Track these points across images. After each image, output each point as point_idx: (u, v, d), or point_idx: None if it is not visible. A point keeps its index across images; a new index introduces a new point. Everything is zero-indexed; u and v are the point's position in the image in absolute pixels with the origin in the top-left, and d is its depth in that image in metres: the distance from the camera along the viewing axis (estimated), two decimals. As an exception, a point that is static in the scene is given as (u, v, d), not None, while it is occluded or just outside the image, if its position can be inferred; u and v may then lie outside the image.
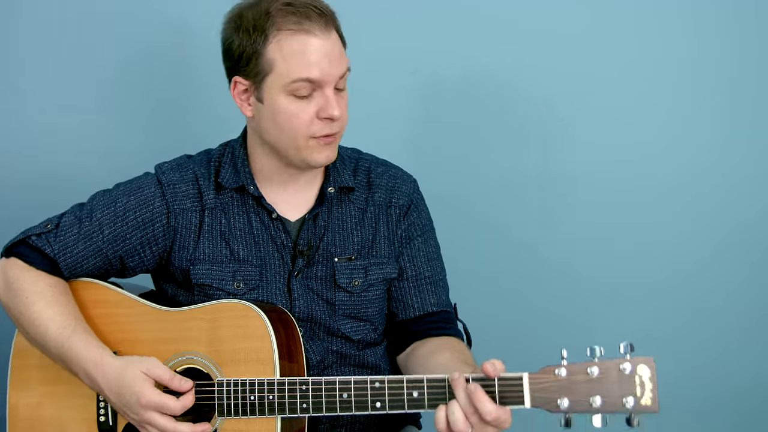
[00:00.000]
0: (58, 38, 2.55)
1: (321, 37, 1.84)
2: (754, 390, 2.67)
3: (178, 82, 2.56)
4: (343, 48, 1.90)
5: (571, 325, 2.64)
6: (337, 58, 1.86)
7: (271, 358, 1.78)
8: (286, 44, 1.84)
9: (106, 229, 1.95)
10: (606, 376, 1.57)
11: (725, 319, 2.67)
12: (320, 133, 1.87)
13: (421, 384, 1.68)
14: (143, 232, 1.95)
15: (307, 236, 1.97)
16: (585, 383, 1.58)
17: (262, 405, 1.77)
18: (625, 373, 1.57)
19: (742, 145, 2.64)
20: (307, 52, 1.83)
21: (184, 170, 1.99)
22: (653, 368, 1.57)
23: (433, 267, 2.05)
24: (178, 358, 1.86)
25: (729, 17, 2.61)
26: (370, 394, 1.71)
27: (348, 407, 1.72)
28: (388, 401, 1.70)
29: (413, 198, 2.05)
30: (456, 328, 2.04)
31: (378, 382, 1.71)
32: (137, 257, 1.97)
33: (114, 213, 1.95)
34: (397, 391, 1.69)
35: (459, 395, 1.63)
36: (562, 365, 1.60)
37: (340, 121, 1.89)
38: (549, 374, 1.60)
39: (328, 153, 1.91)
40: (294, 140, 1.88)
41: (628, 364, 1.57)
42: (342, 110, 1.88)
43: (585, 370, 1.58)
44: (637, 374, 1.56)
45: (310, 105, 1.86)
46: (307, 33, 1.83)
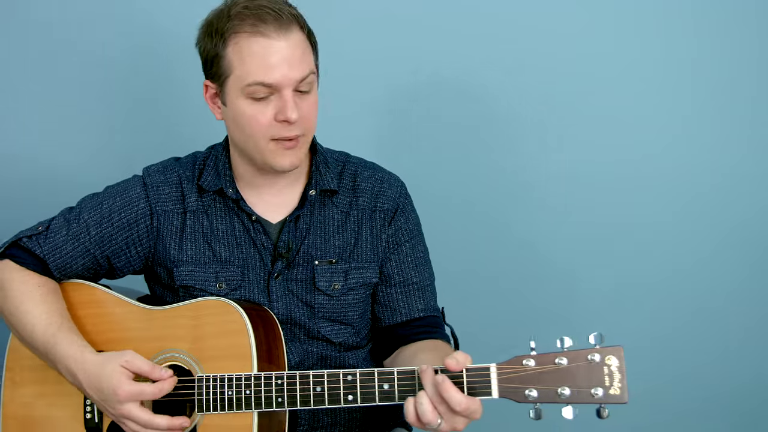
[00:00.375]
0: (57, 39, 2.59)
1: (277, 39, 1.82)
2: (754, 390, 2.65)
3: (181, 84, 2.57)
4: (308, 50, 1.88)
5: (570, 324, 2.63)
6: (297, 60, 1.83)
7: (249, 354, 1.80)
8: (244, 47, 1.83)
9: (92, 230, 1.98)
10: (574, 366, 1.57)
11: (725, 319, 2.66)
12: (278, 136, 1.86)
13: (392, 376, 1.70)
14: (128, 233, 1.99)
15: (287, 238, 1.97)
16: (553, 373, 1.58)
17: (240, 400, 1.79)
18: (593, 363, 1.57)
19: (742, 146, 2.63)
20: (262, 55, 1.82)
21: (169, 173, 2.02)
22: (622, 357, 1.57)
23: (420, 272, 2.04)
24: (162, 355, 1.89)
25: (729, 17, 2.60)
26: (342, 386, 1.73)
27: (321, 400, 1.74)
28: (360, 394, 1.72)
29: (400, 202, 2.04)
30: (443, 332, 2.04)
31: (350, 375, 1.73)
32: (123, 258, 2.00)
33: (100, 214, 1.99)
34: (369, 384, 1.72)
35: (426, 385, 1.64)
36: (530, 355, 1.61)
37: (302, 125, 1.87)
38: (517, 364, 1.61)
39: (292, 158, 1.89)
40: (255, 144, 1.88)
41: (597, 354, 1.57)
42: (304, 113, 1.86)
43: (553, 360, 1.59)
44: (606, 364, 1.57)
45: (268, 108, 1.85)
46: (262, 35, 1.82)
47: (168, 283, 2.00)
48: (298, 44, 1.84)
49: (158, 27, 2.59)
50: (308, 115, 1.88)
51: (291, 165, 1.90)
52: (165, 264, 1.98)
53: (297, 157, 1.90)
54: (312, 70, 1.87)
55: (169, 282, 2.00)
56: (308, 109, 1.88)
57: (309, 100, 1.88)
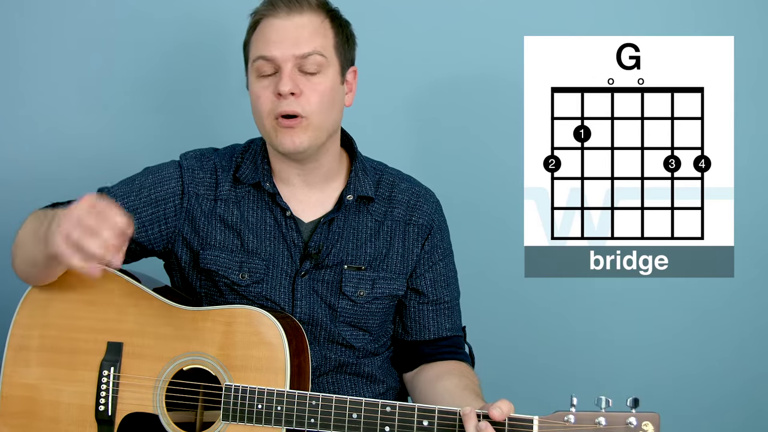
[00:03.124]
0: (59, 38, 2.58)
1: (283, 19, 1.91)
2: (755, 389, 2.70)
3: (195, 82, 2.59)
4: (321, 33, 1.93)
5: (577, 330, 2.66)
6: (301, 39, 1.90)
7: (283, 369, 1.80)
8: (258, 28, 1.94)
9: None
10: (613, 428, 1.63)
11: (725, 319, 2.68)
12: (276, 111, 1.90)
13: (432, 414, 1.71)
14: (155, 208, 1.99)
15: (319, 239, 1.98)
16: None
17: (269, 414, 1.79)
18: (631, 427, 1.63)
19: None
20: (266, 32, 1.92)
21: (206, 160, 2.03)
22: (658, 424, 1.63)
23: (451, 291, 2.08)
24: (187, 357, 1.88)
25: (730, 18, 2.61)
26: (380, 417, 1.74)
27: (356, 427, 1.75)
28: (397, 427, 1.73)
29: (435, 219, 2.06)
30: (464, 352, 2.07)
31: (389, 406, 1.74)
32: (144, 235, 1.99)
33: (130, 188, 2.00)
34: (408, 419, 1.72)
35: (469, 431, 1.67)
36: (571, 411, 1.65)
37: (301, 104, 1.89)
38: (558, 420, 1.65)
39: (293, 138, 1.90)
40: (262, 122, 1.93)
41: (634, 418, 1.63)
42: (306, 93, 1.90)
43: (593, 419, 1.64)
44: (642, 429, 1.63)
45: (271, 84, 1.91)
46: (273, 16, 1.92)
47: (190, 266, 2.00)
48: (305, 24, 1.91)
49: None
50: (311, 96, 1.90)
51: (293, 147, 1.91)
52: (191, 245, 1.99)
53: (299, 140, 1.91)
54: (318, 51, 1.91)
55: (191, 265, 2.00)
56: (312, 90, 1.91)
57: (315, 81, 1.91)
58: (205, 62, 2.59)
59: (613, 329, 2.65)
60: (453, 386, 1.90)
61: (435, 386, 1.94)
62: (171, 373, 1.88)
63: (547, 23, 2.59)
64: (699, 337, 2.66)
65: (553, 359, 2.64)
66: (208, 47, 2.59)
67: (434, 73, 2.61)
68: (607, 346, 2.65)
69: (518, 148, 2.29)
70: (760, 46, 2.59)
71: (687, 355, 2.65)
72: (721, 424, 2.67)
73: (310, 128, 1.91)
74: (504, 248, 2.59)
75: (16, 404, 1.95)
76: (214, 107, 2.60)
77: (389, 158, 2.15)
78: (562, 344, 2.64)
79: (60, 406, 1.93)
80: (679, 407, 2.63)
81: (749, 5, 2.60)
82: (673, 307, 2.65)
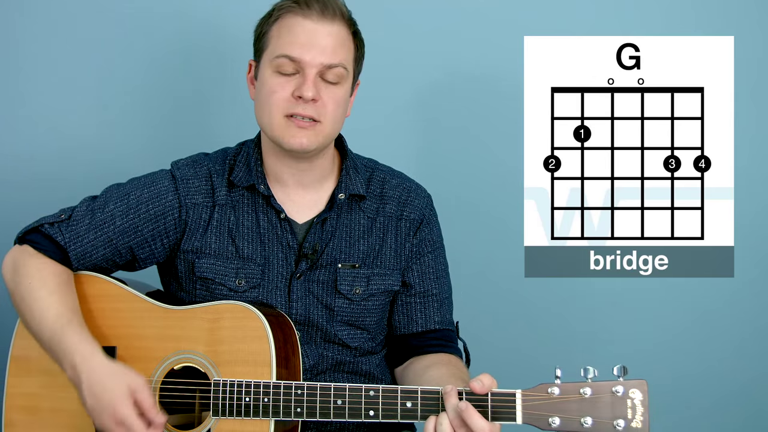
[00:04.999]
0: (59, 38, 2.56)
1: (315, 22, 1.90)
2: (755, 389, 2.69)
3: (195, 82, 2.58)
4: (346, 47, 1.94)
5: (577, 330, 2.65)
6: (329, 47, 1.91)
7: (269, 362, 1.80)
8: (284, 22, 1.93)
9: (118, 220, 1.97)
10: (598, 397, 1.59)
11: (725, 319, 2.68)
12: (292, 111, 1.90)
13: (415, 395, 1.71)
14: (155, 224, 1.98)
15: (313, 240, 1.98)
16: (577, 403, 1.60)
17: (257, 407, 1.79)
18: (617, 395, 1.59)
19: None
20: (295, 31, 1.91)
21: (199, 167, 2.02)
22: (645, 391, 1.59)
23: (441, 285, 2.07)
24: (177, 356, 1.88)
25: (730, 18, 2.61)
26: (364, 402, 1.74)
27: (341, 414, 1.75)
28: (381, 410, 1.73)
29: (425, 213, 2.07)
30: (456, 347, 2.05)
31: (373, 390, 1.74)
32: (147, 249, 1.99)
33: (127, 205, 1.98)
34: (391, 401, 1.73)
35: (448, 410, 1.66)
36: (555, 383, 1.62)
37: (319, 110, 1.91)
38: (542, 392, 1.63)
39: (302, 139, 1.91)
40: (270, 117, 1.92)
41: (621, 386, 1.59)
42: (324, 100, 1.91)
43: (578, 390, 1.61)
44: (629, 397, 1.59)
45: (290, 83, 1.91)
46: (304, 17, 1.91)
47: (186, 276, 2.00)
48: (335, 35, 1.92)
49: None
50: (327, 104, 1.92)
51: (300, 146, 1.92)
52: (187, 256, 1.98)
53: (309, 140, 1.92)
54: (343, 65, 1.93)
55: (187, 275, 1.99)
56: (330, 98, 1.92)
57: (334, 91, 1.93)
58: (205, 62, 2.59)
59: (613, 329, 2.65)
60: (441, 375, 1.89)
61: (423, 376, 1.93)
62: (162, 373, 1.88)
63: (547, 23, 2.59)
64: (699, 337, 2.65)
65: (553, 359, 2.61)
66: (208, 47, 2.58)
67: (434, 73, 2.62)
68: (607, 346, 2.64)
69: (518, 148, 2.30)
70: (760, 46, 2.59)
71: (687, 355, 2.65)
72: (721, 424, 2.67)
73: (321, 134, 1.93)
74: (504, 248, 2.59)
75: (21, 415, 1.96)
76: (214, 107, 2.59)
77: (389, 158, 2.15)
78: (562, 344, 2.63)
79: (61, 413, 1.93)
80: (679, 407, 2.64)
81: (749, 5, 2.61)
82: (673, 307, 2.65)
